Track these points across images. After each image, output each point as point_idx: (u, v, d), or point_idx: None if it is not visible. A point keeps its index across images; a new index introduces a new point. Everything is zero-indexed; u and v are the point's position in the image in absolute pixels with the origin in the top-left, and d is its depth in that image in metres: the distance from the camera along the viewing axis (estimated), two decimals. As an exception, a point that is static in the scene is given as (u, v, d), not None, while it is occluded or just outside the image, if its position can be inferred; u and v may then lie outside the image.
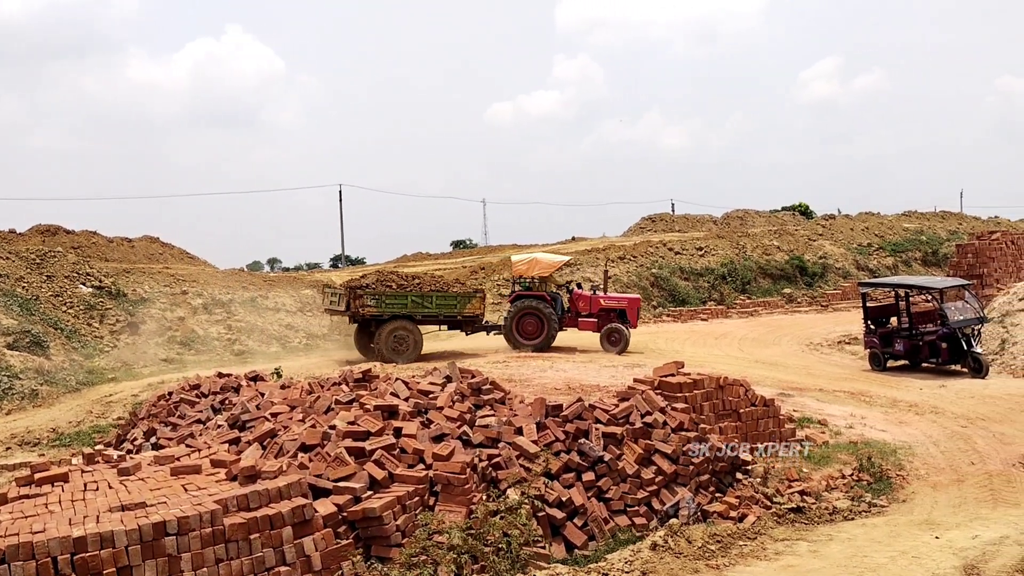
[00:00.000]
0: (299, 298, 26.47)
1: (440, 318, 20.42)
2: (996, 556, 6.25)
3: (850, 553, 6.48)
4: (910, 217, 42.67)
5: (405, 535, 6.66)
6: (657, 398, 9.36)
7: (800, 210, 52.47)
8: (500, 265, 31.88)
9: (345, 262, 51.28)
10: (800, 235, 37.63)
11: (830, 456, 10.33)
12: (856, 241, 37.51)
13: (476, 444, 8.14)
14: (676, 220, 47.89)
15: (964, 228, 40.57)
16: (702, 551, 6.33)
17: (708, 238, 36.31)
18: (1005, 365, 17.21)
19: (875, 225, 40.05)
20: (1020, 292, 19.99)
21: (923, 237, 38.55)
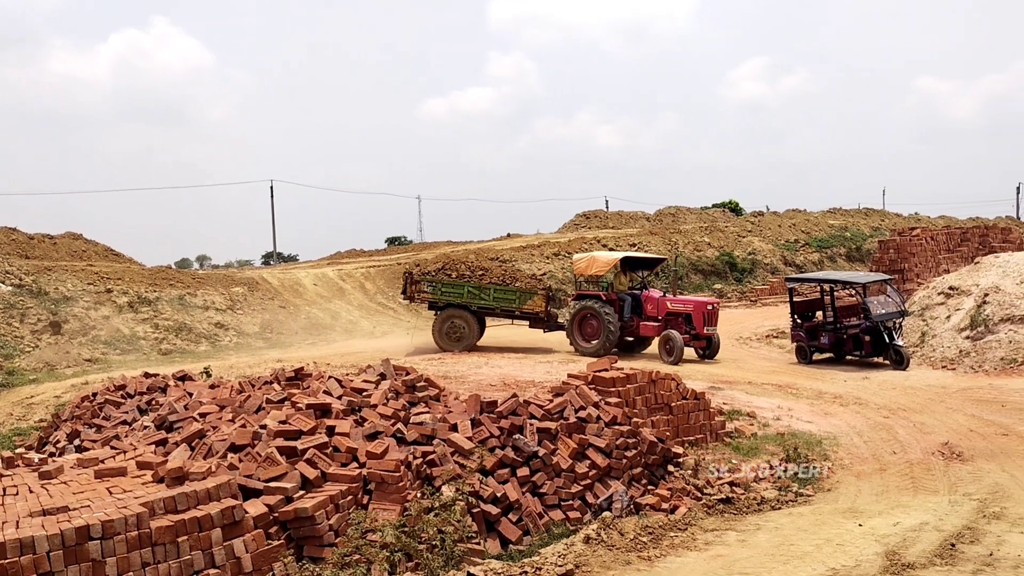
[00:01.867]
0: (229, 296, 25.98)
1: (498, 311, 19.93)
2: (916, 542, 6.47)
3: (777, 542, 6.64)
4: (835, 214, 43.94)
5: (338, 535, 6.59)
6: (591, 393, 9.44)
7: (730, 207, 53.52)
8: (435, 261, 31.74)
9: (277, 259, 50.43)
10: (730, 232, 38.40)
11: (758, 447, 10.56)
12: (784, 237, 38.45)
13: (410, 441, 8.11)
14: (610, 217, 48.35)
15: (886, 225, 41.93)
16: (634, 543, 6.42)
17: (641, 235, 36.78)
18: (925, 357, 17.83)
19: (802, 222, 41.13)
20: (939, 287, 20.73)
21: (847, 234, 39.72)
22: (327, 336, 24.40)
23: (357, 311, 27.80)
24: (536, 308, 19.54)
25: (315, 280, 30.13)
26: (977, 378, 15.83)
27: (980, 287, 19.15)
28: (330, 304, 27.99)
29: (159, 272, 27.68)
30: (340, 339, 23.91)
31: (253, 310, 25.58)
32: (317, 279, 30.32)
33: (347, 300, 28.79)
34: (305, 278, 30.16)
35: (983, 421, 12.02)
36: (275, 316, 25.62)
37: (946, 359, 17.45)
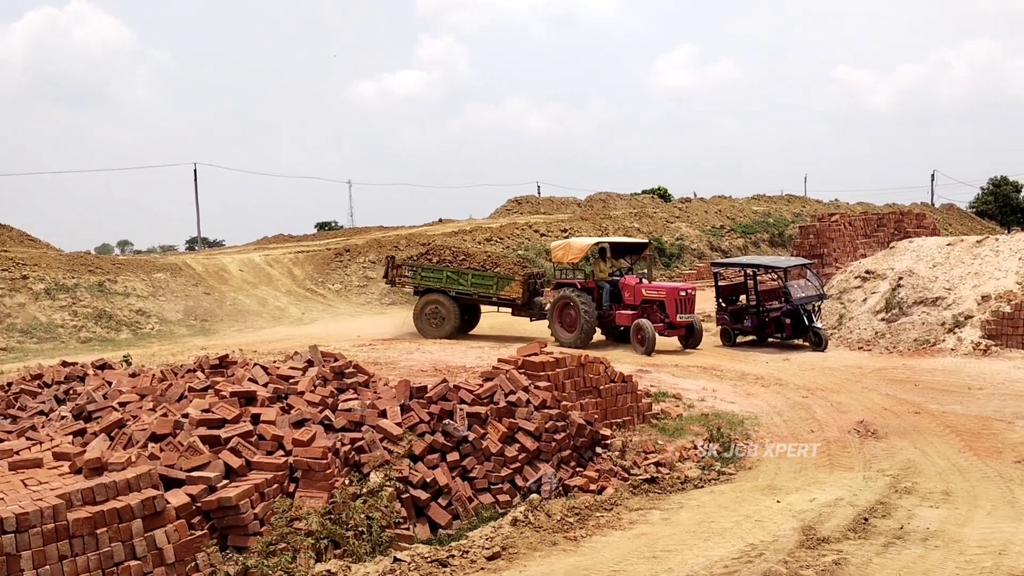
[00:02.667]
0: (151, 282, 25.30)
1: (475, 297, 19.46)
2: (831, 517, 6.72)
3: (699, 519, 6.82)
4: (759, 201, 44.96)
5: (264, 523, 6.51)
6: (521, 377, 9.50)
7: (659, 193, 54.30)
8: (366, 247, 31.51)
9: (202, 244, 49.28)
10: (659, 217, 38.98)
11: (683, 428, 10.79)
12: (710, 223, 39.20)
13: (339, 428, 8.04)
14: (542, 203, 48.57)
15: (807, 211, 43.09)
16: (561, 524, 6.51)
17: (572, 220, 37.08)
18: (842, 339, 18.44)
19: (727, 208, 41.99)
20: (856, 271, 21.44)
21: (771, 219, 40.71)
22: (254, 323, 23.99)
23: (285, 297, 27.39)
24: (513, 295, 19.01)
25: (241, 266, 29.56)
26: (892, 358, 16.46)
27: (895, 271, 19.88)
28: (257, 290, 27.51)
29: (77, 258, 26.78)
30: (267, 326, 23.54)
31: (176, 297, 24.97)
32: (243, 265, 29.75)
33: (275, 286, 28.33)
34: (231, 264, 29.56)
35: (897, 400, 12.51)
36: (199, 303, 25.06)
37: (863, 340, 18.07)
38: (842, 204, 49.85)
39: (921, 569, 5.41)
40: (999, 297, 17.55)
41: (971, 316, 17.50)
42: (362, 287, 29.21)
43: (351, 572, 4.97)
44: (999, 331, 16.90)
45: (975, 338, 16.92)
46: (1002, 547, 5.95)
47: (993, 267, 18.69)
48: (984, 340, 16.81)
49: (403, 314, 25.12)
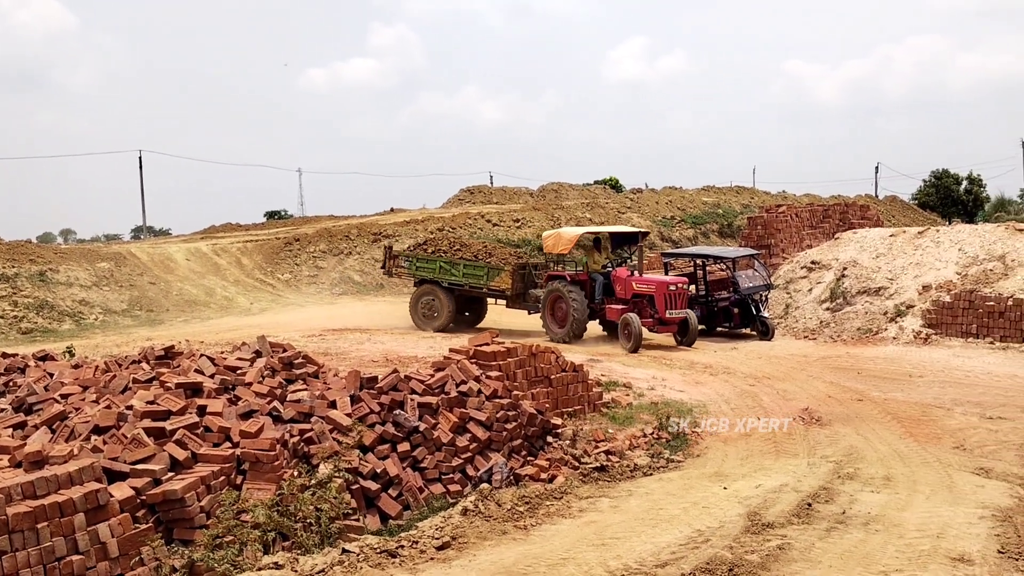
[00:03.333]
0: (95, 272, 24.73)
1: (467, 288, 18.79)
2: (776, 503, 6.85)
3: (647, 506, 6.90)
4: (708, 192, 45.48)
5: (210, 516, 6.42)
6: (472, 367, 9.50)
7: (611, 184, 54.58)
8: (316, 236, 31.19)
9: (147, 233, 48.27)
10: (610, 208, 39.22)
11: (633, 417, 10.90)
12: (661, 214, 39.56)
13: (287, 420, 7.95)
14: (494, 192, 48.52)
15: (756, 202, 43.72)
16: (511, 513, 6.54)
17: (525, 210, 37.12)
18: (789, 328, 18.81)
19: (678, 199, 42.41)
20: (802, 261, 21.85)
21: (720, 210, 41.23)
22: (201, 313, 23.59)
23: (233, 287, 26.99)
24: (502, 285, 18.25)
25: (188, 255, 29.03)
26: (836, 347, 16.84)
27: (839, 261, 20.31)
28: (204, 280, 27.05)
29: (18, 247, 26.01)
30: (215, 316, 23.17)
31: (121, 286, 24.44)
32: (190, 254, 29.22)
33: (222, 276, 27.89)
34: (177, 253, 29.02)
35: (840, 387, 12.80)
36: (144, 293, 24.57)
37: (808, 329, 18.45)
38: (789, 196, 50.66)
39: (862, 553, 5.55)
40: (939, 287, 18.04)
41: (912, 305, 17.97)
42: (312, 277, 28.92)
43: (299, 564, 4.93)
44: (939, 320, 17.38)
45: (916, 327, 17.37)
46: (940, 531, 6.13)
47: (934, 258, 19.20)
48: (925, 329, 17.27)
49: (353, 305, 24.98)
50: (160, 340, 15.43)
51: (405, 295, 27.72)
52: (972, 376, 13.73)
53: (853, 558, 5.42)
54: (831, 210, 28.09)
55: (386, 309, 22.00)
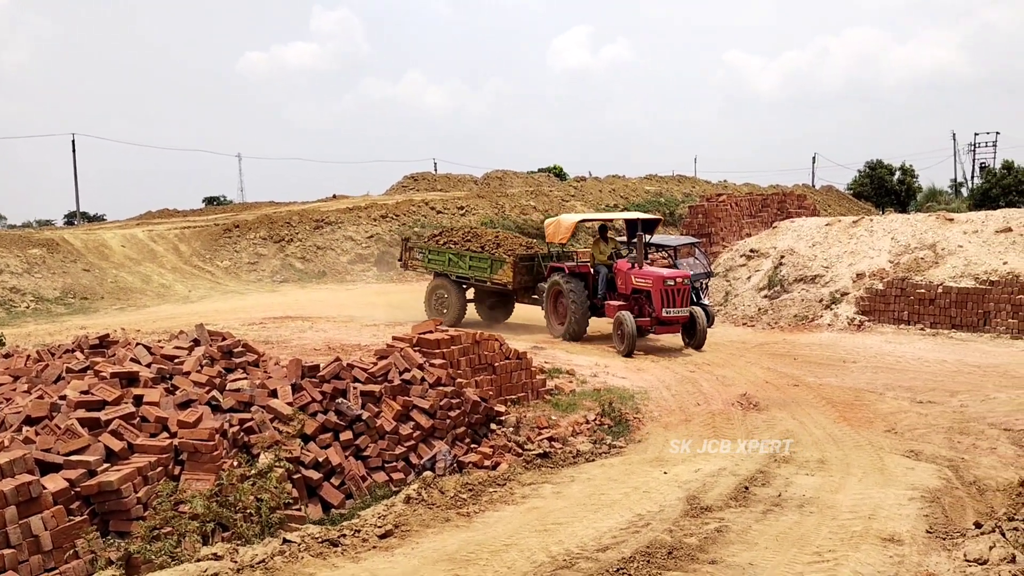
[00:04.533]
0: (26, 258, 23.96)
1: (472, 282, 17.81)
2: (714, 486, 6.98)
3: (589, 492, 6.98)
4: (651, 180, 45.94)
5: (148, 508, 6.30)
6: (415, 355, 9.47)
7: (555, 172, 54.76)
8: (256, 223, 30.68)
9: (81, 219, 46.90)
10: (554, 196, 39.35)
11: (576, 403, 10.99)
12: (604, 202, 39.82)
13: (227, 409, 7.82)
14: (438, 179, 48.30)
15: (697, 191, 44.29)
16: (454, 500, 6.55)
17: (469, 198, 37.02)
18: (728, 315, 19.16)
19: (621, 187, 42.76)
20: (742, 249, 22.25)
21: (662, 199, 41.67)
22: (137, 301, 23.06)
23: (171, 274, 26.41)
24: (504, 279, 17.06)
25: (123, 241, 28.31)
26: (773, 334, 17.20)
27: (777, 250, 20.71)
28: (140, 267, 26.42)
29: (-59, 232, 25.08)
30: (151, 304, 22.67)
31: (53, 273, 23.73)
32: (125, 240, 28.50)
33: (159, 263, 27.27)
34: (112, 239, 28.27)
35: (777, 373, 13.08)
36: (78, 280, 23.89)
37: (747, 316, 18.81)
38: (730, 185, 51.44)
39: (797, 534, 5.69)
40: (872, 275, 18.54)
41: (847, 293, 18.44)
42: (252, 264, 28.46)
43: (239, 555, 4.87)
44: (872, 307, 17.87)
45: (850, 314, 17.84)
46: (872, 512, 6.32)
47: (868, 246, 19.71)
48: (858, 316, 17.74)
49: (296, 293, 24.66)
50: (95, 329, 15.03)
51: (349, 282, 27.54)
52: (903, 362, 14.17)
53: (788, 539, 5.56)
54: (770, 199, 28.62)
55: (328, 297, 21.76)
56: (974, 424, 10.23)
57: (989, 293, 16.62)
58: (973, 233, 18.77)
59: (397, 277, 28.84)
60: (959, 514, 6.46)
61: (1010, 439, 9.67)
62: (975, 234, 18.70)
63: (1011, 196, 47.76)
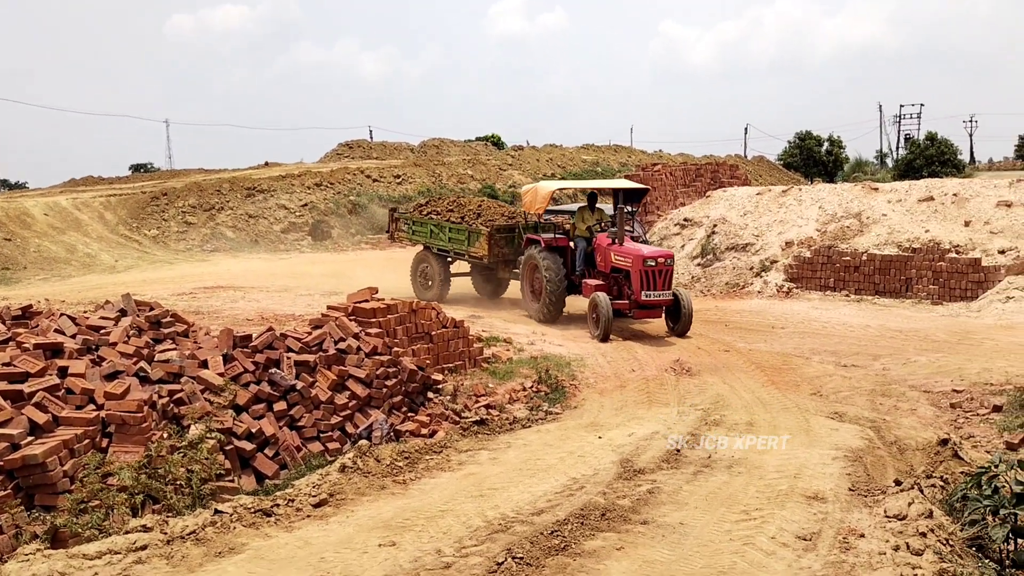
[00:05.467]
0: (-60, 228, 22.97)
1: (451, 255, 16.83)
2: (647, 450, 7.12)
3: (525, 457, 7.05)
4: (588, 150, 46.15)
5: (74, 481, 6.15)
6: (351, 324, 9.38)
7: (492, 141, 54.57)
8: (185, 191, 29.90)
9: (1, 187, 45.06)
10: (492, 165, 39.24)
11: (513, 371, 11.06)
12: (541, 171, 39.89)
13: (155, 380, 7.66)
14: (374, 147, 47.69)
15: (633, 160, 44.69)
16: (390, 468, 6.55)
17: (406, 166, 36.67)
18: (662, 283, 19.38)
19: (558, 156, 42.86)
20: (676, 218, 22.54)
21: (599, 168, 41.93)
22: (61, 271, 22.33)
23: (96, 244, 25.62)
24: (480, 252, 16.06)
25: (46, 210, 27.30)
26: (706, 301, 17.52)
27: (710, 219, 21.04)
28: (64, 236, 25.56)
29: None
30: (77, 274, 21.98)
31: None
32: (48, 208, 27.49)
33: (84, 232, 26.41)
34: (34, 207, 27.24)
35: (709, 339, 13.34)
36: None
37: (681, 284, 19.09)
38: (664, 155, 52.00)
39: (725, 494, 5.85)
40: (800, 243, 18.99)
41: (776, 261, 18.88)
42: (182, 233, 27.78)
43: (168, 526, 4.80)
44: (800, 274, 18.33)
45: (779, 281, 18.28)
46: (797, 471, 6.52)
47: (796, 215, 20.16)
48: (787, 283, 18.18)
49: (227, 262, 24.17)
50: (17, 299, 14.50)
51: (282, 251, 27.10)
52: (829, 327, 14.59)
53: (717, 499, 5.71)
54: (703, 169, 29.02)
55: (261, 267, 21.39)
56: (895, 386, 10.62)
57: (911, 260, 17.19)
58: (897, 202, 19.33)
59: (333, 246, 28.49)
60: (880, 473, 6.70)
61: (929, 400, 10.07)
62: (899, 203, 19.27)
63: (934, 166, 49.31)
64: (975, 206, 18.30)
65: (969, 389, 10.24)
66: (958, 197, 18.77)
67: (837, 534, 4.98)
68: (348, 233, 29.65)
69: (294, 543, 4.84)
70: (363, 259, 24.45)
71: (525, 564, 4.44)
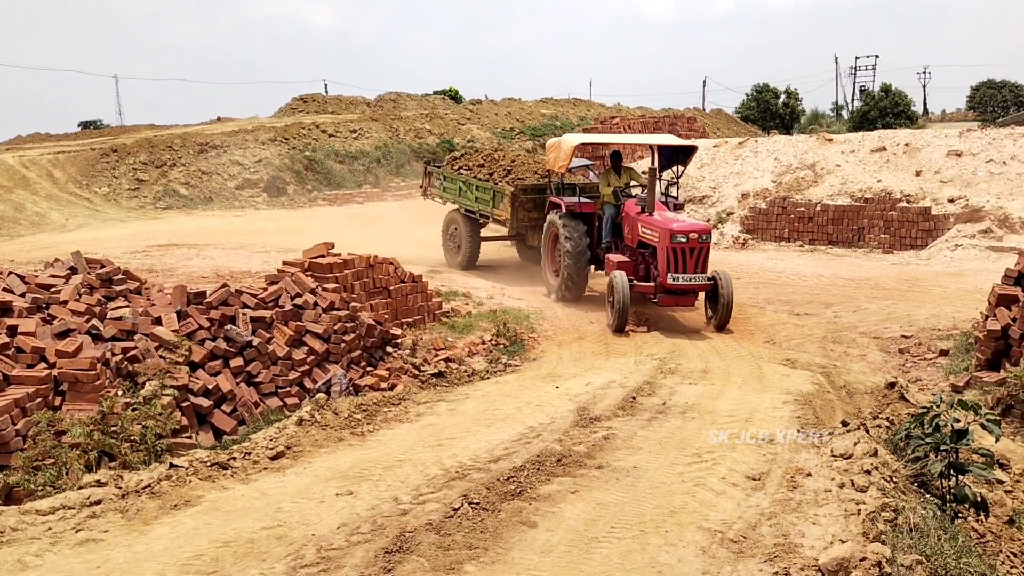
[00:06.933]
0: None
1: (478, 216, 14.99)
2: (604, 398, 7.22)
3: (483, 408, 7.12)
4: (547, 103, 45.84)
5: (27, 439, 6.08)
6: (307, 279, 9.33)
7: (450, 95, 53.93)
8: (136, 147, 29.21)
9: (-59, 145, 43.57)
10: (450, 119, 38.85)
11: (473, 325, 11.10)
12: (500, 125, 39.61)
13: (108, 338, 7.57)
14: (329, 101, 46.87)
15: (592, 114, 44.51)
16: (348, 421, 6.57)
17: (362, 120, 36.15)
18: (621, 236, 19.49)
19: (516, 110, 42.53)
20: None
21: (557, 122, 41.71)
22: (9, 231, 21.78)
23: (45, 202, 24.98)
24: (503, 216, 14.20)
25: (-9, 168, 26.54)
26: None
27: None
28: (12, 195, 24.86)
29: None
30: (25, 234, 21.47)
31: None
32: (-7, 167, 26.72)
33: (32, 190, 25.72)
34: (-22, 166, 26.46)
35: (666, 291, 13.48)
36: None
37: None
38: (623, 108, 51.86)
39: (679, 438, 5.98)
40: (756, 195, 19.19)
41: (732, 212, 19.07)
42: (133, 190, 27.20)
43: (123, 481, 4.78)
44: (755, 226, 18.55)
45: (735, 232, 18.48)
46: (748, 415, 6.68)
47: (752, 167, 20.34)
48: (743, 234, 18.40)
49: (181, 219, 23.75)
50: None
51: (237, 208, 26.70)
52: (783, 277, 14.84)
53: (670, 443, 5.84)
54: (661, 122, 29.09)
55: (215, 224, 21.06)
56: (846, 333, 10.88)
57: (863, 210, 17.47)
58: (850, 153, 19.58)
59: (289, 203, 28.13)
60: (829, 415, 6.89)
61: (878, 346, 10.34)
62: (852, 154, 19.52)
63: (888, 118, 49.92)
64: (926, 156, 18.61)
65: (917, 335, 10.53)
66: (910, 147, 19.06)
67: (785, 473, 5.13)
68: (304, 189, 29.27)
69: (251, 494, 4.86)
70: (320, 215, 24.20)
71: (481, 509, 4.51)
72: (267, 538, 4.20)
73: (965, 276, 14.13)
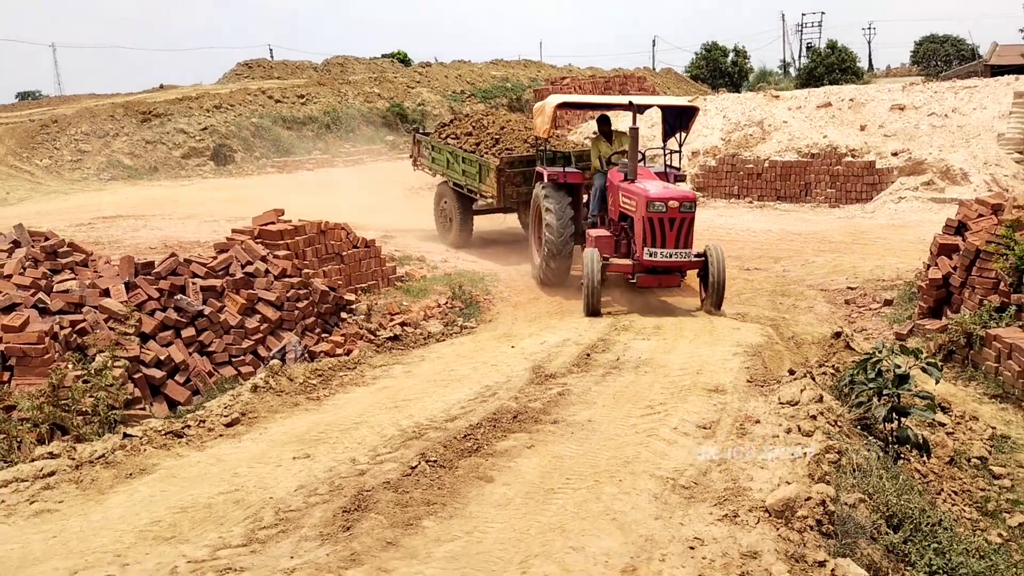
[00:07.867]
0: None
1: (465, 191, 13.74)
2: (558, 356, 7.30)
3: (439, 368, 7.16)
4: (497, 65, 45.48)
5: (-25, 417, 5.99)
6: (257, 247, 9.24)
7: (399, 58, 53.21)
8: (76, 117, 28.42)
9: None
10: (400, 83, 38.38)
11: (427, 289, 11.11)
12: (451, 88, 39.24)
13: (55, 311, 7.44)
14: (275, 67, 45.98)
15: (543, 75, 44.27)
16: (303, 386, 6.57)
17: (309, 85, 35.56)
18: (574, 197, 19.54)
19: (467, 73, 42.14)
20: (585, 132, 22.59)
21: (508, 84, 41.45)
22: (-54, 207, 21.11)
23: (-17, 177, 24.27)
24: (489, 191, 12.90)
25: (-77, 142, 25.64)
26: (616, 213, 17.73)
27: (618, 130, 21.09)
28: (-54, 170, 24.12)
29: None
30: (-36, 209, 20.82)
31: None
32: (-74, 141, 25.82)
33: (-31, 165, 24.97)
34: (-91, 140, 25.54)
35: (619, 249, 13.59)
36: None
37: (591, 198, 19.28)
38: (574, 69, 51.64)
39: (632, 392, 6.09)
40: (706, 152, 19.34)
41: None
42: (76, 162, 26.51)
43: (77, 452, 4.74)
44: (706, 183, 18.74)
45: (687, 191, 18.64)
46: (699, 368, 6.82)
47: (702, 125, 20.46)
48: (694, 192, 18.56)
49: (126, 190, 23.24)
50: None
51: (184, 178, 26.20)
52: (733, 233, 15.05)
53: (624, 396, 5.94)
54: (612, 82, 29.10)
55: (162, 194, 20.65)
56: (794, 286, 11.11)
57: (810, 165, 17.74)
58: (797, 109, 19.82)
59: (236, 171, 27.67)
60: (777, 365, 7.06)
61: (825, 298, 10.58)
62: (799, 110, 19.76)
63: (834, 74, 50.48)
64: (870, 111, 18.91)
65: (862, 286, 10.80)
66: (854, 102, 19.34)
67: (735, 422, 5.27)
68: (252, 157, 28.80)
69: (206, 461, 4.85)
70: (269, 183, 23.83)
71: (439, 466, 4.57)
72: (224, 503, 4.22)
73: (908, 228, 14.47)
